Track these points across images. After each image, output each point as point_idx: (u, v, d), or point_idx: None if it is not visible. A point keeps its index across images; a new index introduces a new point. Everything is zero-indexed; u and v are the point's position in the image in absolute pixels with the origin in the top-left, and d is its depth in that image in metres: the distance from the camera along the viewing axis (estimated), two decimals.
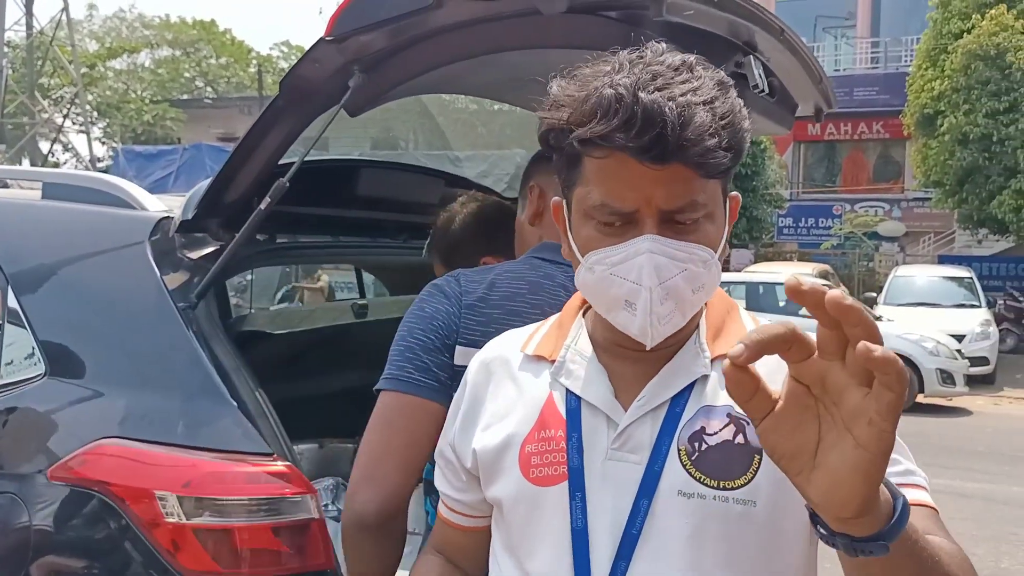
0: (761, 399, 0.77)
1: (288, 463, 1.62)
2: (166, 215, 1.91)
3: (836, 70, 26.30)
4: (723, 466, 1.01)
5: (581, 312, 1.16)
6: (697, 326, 1.09)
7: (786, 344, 0.74)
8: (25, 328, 1.82)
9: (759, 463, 1.00)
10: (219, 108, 31.20)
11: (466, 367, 1.32)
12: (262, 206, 1.69)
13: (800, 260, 20.56)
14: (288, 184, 1.68)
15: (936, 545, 0.88)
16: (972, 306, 14.63)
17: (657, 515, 1.00)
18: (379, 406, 1.36)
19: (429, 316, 1.38)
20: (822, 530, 0.81)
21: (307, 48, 1.56)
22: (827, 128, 25.30)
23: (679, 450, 1.02)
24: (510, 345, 1.18)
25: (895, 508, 0.79)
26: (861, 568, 0.83)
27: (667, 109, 0.92)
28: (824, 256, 21.63)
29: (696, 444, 1.01)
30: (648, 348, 1.01)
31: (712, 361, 1.06)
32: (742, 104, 1.00)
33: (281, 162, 1.78)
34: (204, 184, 1.83)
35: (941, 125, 16.86)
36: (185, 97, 35.32)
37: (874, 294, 16.40)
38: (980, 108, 16.15)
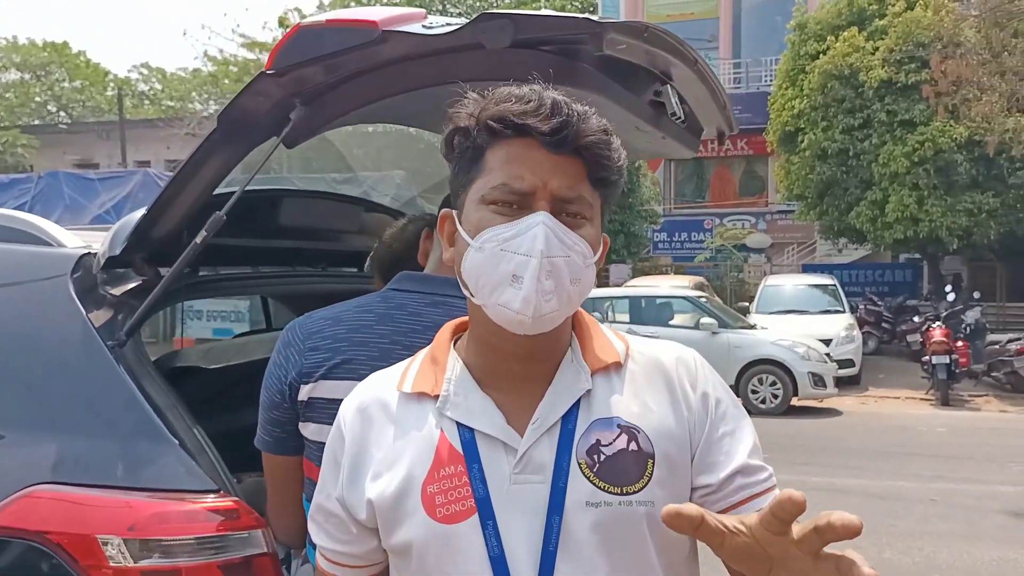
0: (706, 531, 0.86)
1: (235, 499, 1.60)
2: (86, 251, 1.84)
3: None
4: (622, 473, 1.07)
5: (452, 343, 1.18)
6: (570, 344, 1.14)
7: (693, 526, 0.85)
8: None
9: (652, 467, 1.08)
10: (75, 133, 29.65)
11: (313, 399, 1.43)
12: (197, 240, 1.66)
13: (676, 273, 21.28)
14: (225, 217, 1.66)
15: None
16: (837, 311, 15.50)
17: (570, 528, 1.04)
18: (263, 463, 1.60)
19: (270, 373, 1.50)
20: None
21: (248, 82, 1.55)
22: (708, 144, 26.33)
23: (579, 463, 1.06)
24: (383, 386, 1.16)
25: None
26: None
27: (573, 106, 1.06)
28: (698, 268, 22.50)
29: (595, 456, 1.07)
30: (528, 327, 1.04)
31: (593, 375, 1.12)
32: (624, 155, 1.12)
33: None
34: (132, 218, 1.77)
35: (801, 141, 17.85)
36: (37, 122, 33.41)
37: (746, 304, 17.15)
38: (837, 125, 17.20)
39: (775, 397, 11.63)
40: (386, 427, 1.12)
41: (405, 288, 1.54)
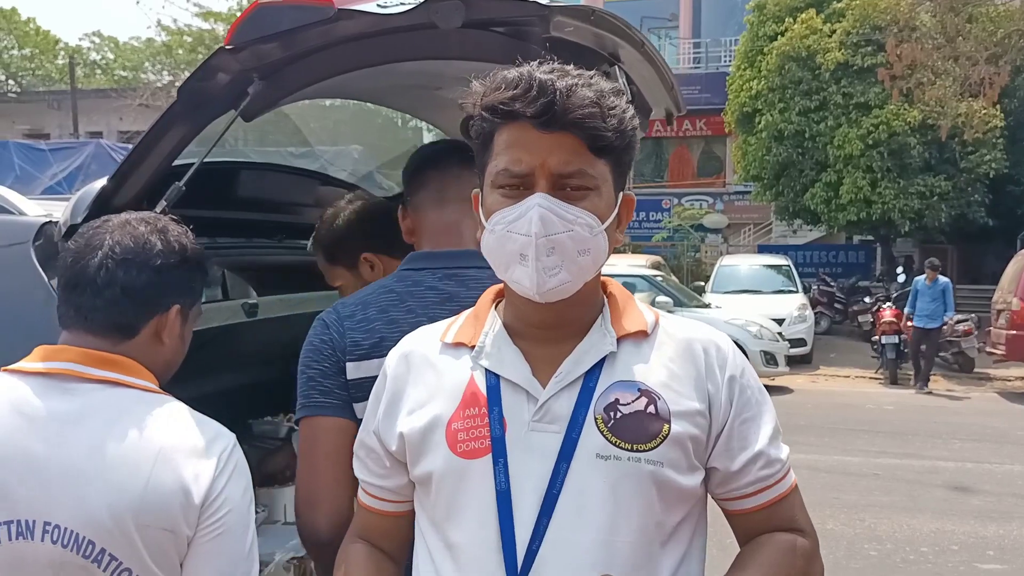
0: None
1: None
2: (48, 220, 1.87)
3: None
4: (636, 431, 1.15)
5: (494, 304, 1.29)
6: (602, 311, 1.24)
7: None
8: None
9: (668, 431, 1.16)
10: (25, 103, 28.87)
11: (360, 379, 1.47)
12: (157, 209, 1.70)
13: (634, 252, 21.44)
14: (184, 188, 1.71)
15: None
16: (790, 291, 15.81)
17: (576, 476, 1.14)
18: (301, 435, 1.51)
19: (317, 347, 1.52)
20: None
21: (207, 55, 1.60)
22: (654, 125, 26.41)
23: (596, 418, 1.16)
24: (427, 337, 1.30)
25: None
26: None
27: (557, 84, 1.11)
28: (655, 248, 22.71)
29: (612, 413, 1.16)
30: (540, 300, 1.15)
31: (618, 339, 1.21)
32: (633, 111, 1.18)
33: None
34: (93, 187, 1.80)
35: (759, 123, 18.07)
36: None
37: (702, 283, 17.38)
38: (793, 106, 17.43)
39: None
40: (425, 371, 1.25)
41: (417, 267, 1.59)
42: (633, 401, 1.17)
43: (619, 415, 1.16)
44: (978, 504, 6.48)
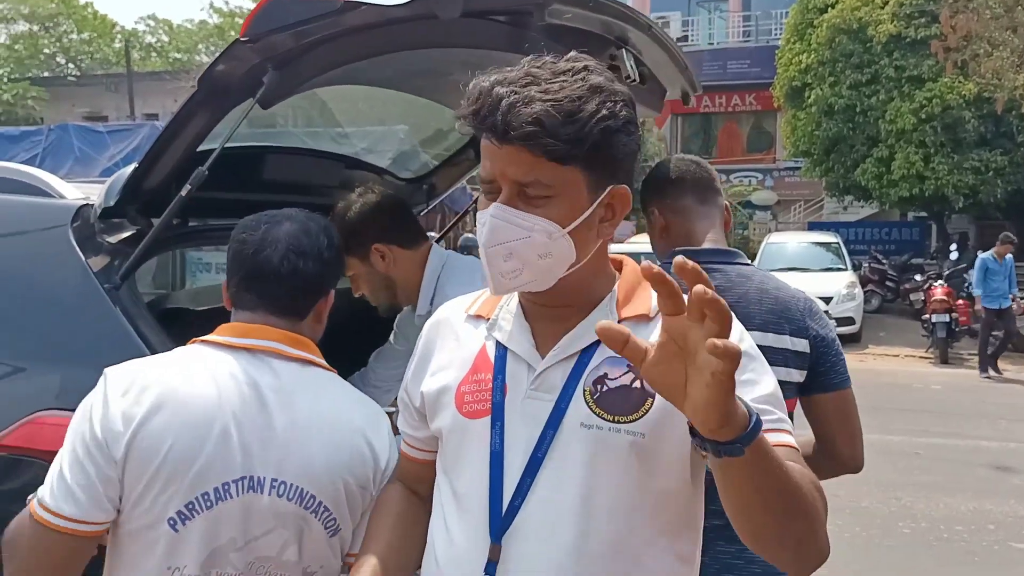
0: (632, 348, 1.00)
1: None
2: (84, 202, 2.01)
3: (710, 44, 27.27)
4: (619, 404, 1.23)
5: None
6: (608, 292, 1.31)
7: (667, 294, 0.97)
8: None
9: (651, 404, 1.22)
10: (84, 86, 29.63)
11: None
12: (183, 192, 1.82)
13: None
14: (207, 172, 1.82)
15: (788, 464, 1.12)
16: (839, 269, 15.53)
17: (560, 443, 1.23)
18: None
19: None
20: (697, 440, 1.04)
21: (224, 48, 1.70)
22: (702, 101, 26.20)
23: (584, 391, 1.24)
24: (457, 308, 1.42)
25: (751, 423, 1.01)
26: (726, 470, 1.06)
27: (504, 101, 1.14)
28: None
29: (599, 386, 1.24)
30: (495, 295, 1.26)
31: (620, 322, 1.27)
32: (613, 108, 1.18)
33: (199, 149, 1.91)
34: (125, 172, 1.93)
35: (808, 97, 17.73)
36: (46, 75, 33.39)
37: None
38: (844, 80, 17.05)
39: None
40: (449, 338, 1.38)
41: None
42: (620, 376, 1.24)
43: (605, 388, 1.23)
44: (1019, 484, 6.40)
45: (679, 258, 0.93)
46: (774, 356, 1.73)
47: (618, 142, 1.20)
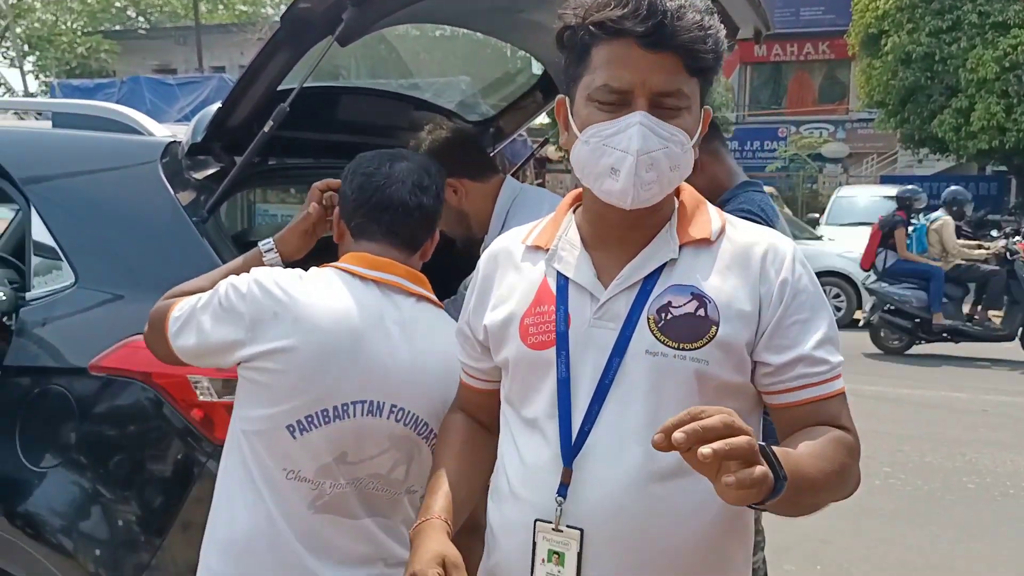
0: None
1: None
2: (173, 139, 2.11)
3: None
4: (684, 332, 1.26)
5: (572, 209, 1.42)
6: (671, 216, 1.33)
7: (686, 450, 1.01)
8: (53, 244, 2.02)
9: (715, 332, 1.26)
10: (153, 39, 30.16)
11: None
12: (265, 129, 1.90)
13: None
14: (288, 109, 1.89)
15: (822, 454, 1.20)
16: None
17: (627, 370, 1.27)
18: None
19: None
20: None
21: None
22: (773, 49, 25.47)
23: (648, 319, 1.27)
24: (513, 239, 1.44)
25: (776, 485, 1.06)
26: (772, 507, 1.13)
27: (667, 4, 1.18)
28: (769, 179, 22.02)
29: (663, 314, 1.27)
30: (629, 207, 1.24)
31: (680, 247, 1.31)
32: (722, 27, 1.25)
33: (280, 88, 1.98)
34: (210, 110, 2.02)
35: (885, 45, 17.10)
36: (118, 28, 34.04)
37: (817, 215, 16.82)
38: (923, 27, 16.38)
39: (838, 309, 11.59)
40: (508, 271, 1.40)
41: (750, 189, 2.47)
42: (685, 304, 1.26)
43: (670, 316, 1.26)
44: None
45: (678, 435, 1.00)
46: None
47: (723, 54, 1.25)
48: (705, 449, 0.97)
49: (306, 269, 1.61)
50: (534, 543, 1.29)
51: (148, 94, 14.63)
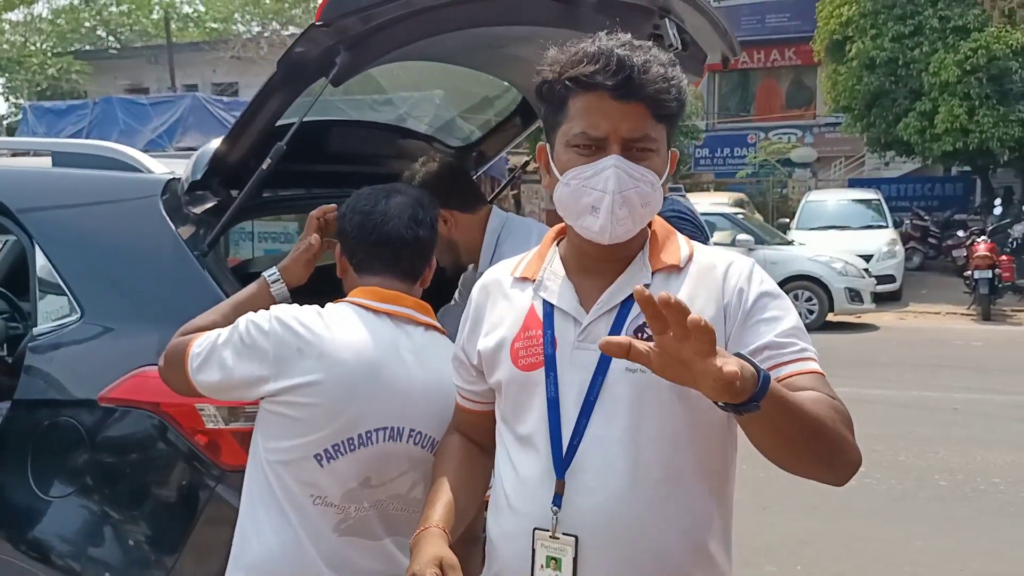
0: (635, 354, 1.14)
1: None
2: (172, 176, 2.19)
3: None
4: None
5: (555, 243, 1.54)
6: (643, 246, 1.46)
7: (652, 315, 1.09)
8: (58, 280, 2.10)
9: None
10: (124, 59, 29.95)
11: None
12: (263, 166, 1.99)
13: (716, 190, 21.10)
14: (285, 147, 1.99)
15: (807, 397, 1.27)
16: (879, 227, 15.38)
17: (609, 386, 1.39)
18: None
19: None
20: (720, 405, 1.18)
21: (300, 31, 1.86)
22: (740, 57, 25.67)
23: None
24: (503, 271, 1.56)
25: (759, 382, 1.14)
26: (750, 424, 1.21)
27: (633, 59, 1.31)
28: (740, 185, 22.29)
29: (640, 334, 1.38)
30: (607, 243, 1.37)
31: (653, 273, 1.43)
32: (683, 77, 1.38)
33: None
34: (209, 147, 2.11)
35: (849, 50, 17.35)
36: (88, 48, 33.82)
37: (787, 220, 17.07)
38: (886, 32, 16.63)
39: (811, 312, 11.77)
40: (499, 300, 1.51)
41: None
42: None
43: (645, 336, 1.36)
44: None
45: (663, 294, 1.08)
46: None
47: (685, 102, 1.39)
48: (695, 315, 1.06)
49: (308, 292, 1.71)
50: (533, 550, 1.39)
51: (121, 115, 14.46)
